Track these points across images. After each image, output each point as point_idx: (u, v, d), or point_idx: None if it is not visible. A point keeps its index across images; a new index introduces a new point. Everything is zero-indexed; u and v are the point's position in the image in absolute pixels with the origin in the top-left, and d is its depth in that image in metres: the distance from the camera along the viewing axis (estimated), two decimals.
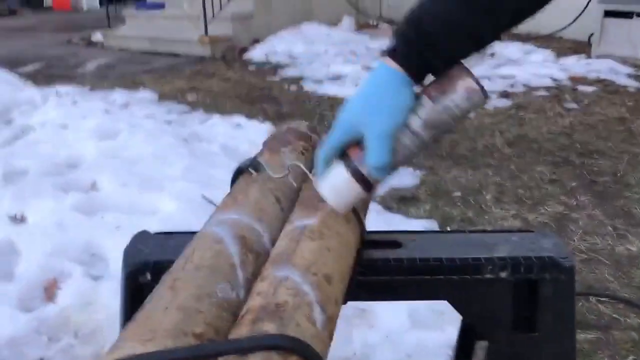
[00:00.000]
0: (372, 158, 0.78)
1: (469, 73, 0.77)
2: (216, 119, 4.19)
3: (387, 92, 0.77)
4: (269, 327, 0.65)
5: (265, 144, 1.19)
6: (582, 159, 3.51)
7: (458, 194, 3.06)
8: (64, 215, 2.66)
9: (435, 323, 1.89)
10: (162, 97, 4.95)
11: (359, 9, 7.68)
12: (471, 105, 0.78)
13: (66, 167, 3.39)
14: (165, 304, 0.69)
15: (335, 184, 0.83)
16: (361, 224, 0.93)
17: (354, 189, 0.82)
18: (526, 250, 0.97)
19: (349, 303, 0.88)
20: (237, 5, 6.48)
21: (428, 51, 0.76)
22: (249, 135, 3.80)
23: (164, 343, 0.63)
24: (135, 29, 7.29)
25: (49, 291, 2.13)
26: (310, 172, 0.97)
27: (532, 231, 1.05)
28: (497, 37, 0.79)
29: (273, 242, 0.87)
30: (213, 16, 6.27)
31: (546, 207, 2.89)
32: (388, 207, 2.90)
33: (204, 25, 6.28)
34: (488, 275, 0.97)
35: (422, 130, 0.79)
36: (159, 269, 0.98)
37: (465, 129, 3.98)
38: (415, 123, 0.78)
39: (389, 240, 1.03)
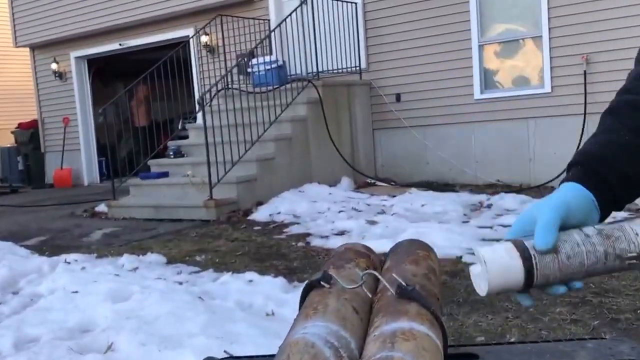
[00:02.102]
0: (537, 238, 0.83)
1: None
2: (227, 277, 4.19)
3: (566, 192, 0.89)
4: None
5: (327, 262, 1.19)
6: (599, 298, 3.49)
7: (482, 338, 3.01)
8: None
9: None
10: (171, 260, 4.97)
11: (355, 169, 7.97)
12: None
13: (80, 331, 3.33)
14: None
15: (500, 260, 0.85)
16: (444, 330, 0.91)
17: (516, 267, 0.84)
18: (606, 356, 0.95)
19: None
20: (242, 170, 6.72)
21: (601, 167, 0.90)
22: (263, 290, 3.78)
23: None
24: (139, 198, 7.47)
25: None
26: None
27: (605, 338, 1.04)
28: None
29: (359, 351, 0.84)
30: (218, 181, 6.48)
31: None
32: None
33: (210, 190, 6.46)
34: None
35: (595, 236, 0.85)
36: None
37: None
38: (588, 229, 0.86)
39: (465, 352, 1.00)
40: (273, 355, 0.83)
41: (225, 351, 2.83)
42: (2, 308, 3.96)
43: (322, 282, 0.96)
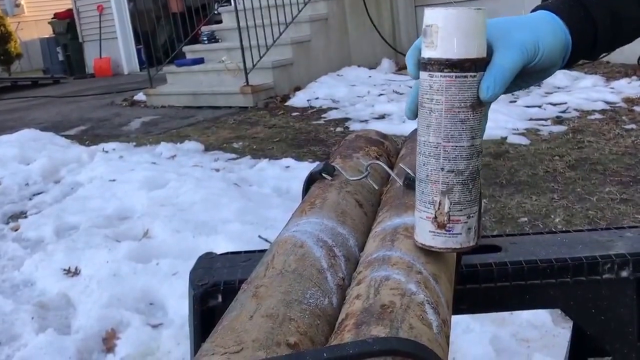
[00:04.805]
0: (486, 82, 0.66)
1: None
2: (264, 164, 4.14)
3: (539, 25, 0.71)
4: (378, 331, 0.54)
5: (335, 151, 1.10)
6: None
7: (525, 219, 2.91)
8: (118, 265, 2.60)
9: (520, 351, 1.73)
10: (208, 147, 4.94)
11: (397, 50, 7.66)
12: None
13: (117, 219, 3.36)
14: (249, 312, 0.59)
15: None
16: None
17: None
18: None
19: None
20: (277, 54, 6.52)
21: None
22: (300, 175, 3.71)
23: (254, 354, 0.52)
24: (177, 86, 7.39)
25: (108, 342, 2.05)
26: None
27: None
28: None
29: (360, 248, 0.77)
30: (253, 66, 6.31)
31: None
32: None
33: (245, 75, 6.32)
34: (607, 275, 0.85)
35: None
36: (231, 290, 0.88)
37: (522, 155, 3.83)
38: None
39: (487, 245, 0.91)
40: (262, 251, 0.75)
41: (259, 236, 2.82)
42: (44, 197, 4.03)
43: (323, 174, 0.87)
